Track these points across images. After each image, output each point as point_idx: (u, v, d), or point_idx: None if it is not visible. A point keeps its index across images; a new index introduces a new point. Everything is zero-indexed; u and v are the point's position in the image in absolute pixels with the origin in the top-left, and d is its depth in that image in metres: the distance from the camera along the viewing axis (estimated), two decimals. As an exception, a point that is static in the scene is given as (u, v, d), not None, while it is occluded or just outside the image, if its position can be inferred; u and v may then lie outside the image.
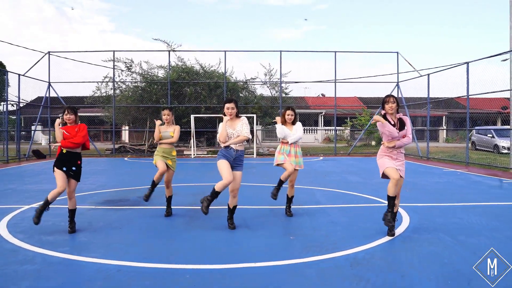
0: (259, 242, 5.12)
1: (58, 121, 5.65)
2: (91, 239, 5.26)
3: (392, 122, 5.30)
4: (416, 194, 8.65)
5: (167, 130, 6.67)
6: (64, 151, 5.52)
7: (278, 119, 6.60)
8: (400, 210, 6.71)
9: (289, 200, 6.63)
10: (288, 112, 6.57)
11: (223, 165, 5.53)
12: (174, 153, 6.68)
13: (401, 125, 5.32)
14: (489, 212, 6.89)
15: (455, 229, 5.70)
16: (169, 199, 6.68)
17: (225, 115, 5.70)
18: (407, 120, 5.42)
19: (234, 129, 5.63)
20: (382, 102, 5.43)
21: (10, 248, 4.85)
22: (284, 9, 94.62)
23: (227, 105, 5.65)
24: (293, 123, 6.58)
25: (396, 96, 5.40)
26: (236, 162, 5.64)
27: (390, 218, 5.31)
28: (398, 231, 5.57)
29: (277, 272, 4.07)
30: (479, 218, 6.41)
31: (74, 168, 5.55)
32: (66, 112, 5.63)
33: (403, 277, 3.93)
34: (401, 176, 5.31)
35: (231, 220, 5.78)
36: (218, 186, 5.49)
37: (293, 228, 5.81)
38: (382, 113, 5.43)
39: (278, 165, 6.47)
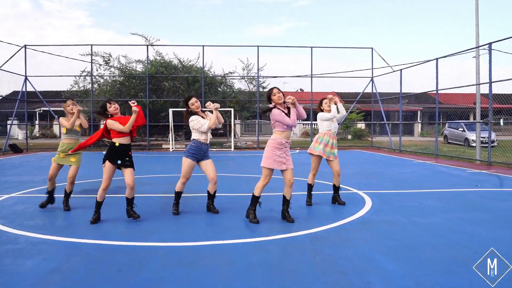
0: (231, 224, 5.51)
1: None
2: (72, 222, 5.59)
3: (285, 111, 5.43)
4: (381, 182, 9.16)
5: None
6: (117, 144, 5.48)
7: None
8: (364, 195, 7.18)
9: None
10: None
11: (186, 165, 5.93)
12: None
13: (288, 112, 5.43)
14: (445, 197, 7.42)
15: (411, 211, 6.19)
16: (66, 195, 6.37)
17: (190, 113, 6.06)
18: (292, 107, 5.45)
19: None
20: (267, 97, 5.52)
21: (-8, 231, 5.11)
22: (265, 5, 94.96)
23: (192, 100, 6.03)
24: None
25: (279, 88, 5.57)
26: (205, 154, 6.07)
27: (254, 215, 5.59)
28: (359, 213, 6.03)
29: (242, 248, 4.46)
30: (435, 202, 6.93)
31: (127, 158, 5.55)
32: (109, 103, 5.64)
33: (356, 249, 4.37)
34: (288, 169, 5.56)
35: (213, 205, 6.21)
36: (177, 187, 6.07)
37: (263, 212, 6.16)
38: (272, 106, 5.44)
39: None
